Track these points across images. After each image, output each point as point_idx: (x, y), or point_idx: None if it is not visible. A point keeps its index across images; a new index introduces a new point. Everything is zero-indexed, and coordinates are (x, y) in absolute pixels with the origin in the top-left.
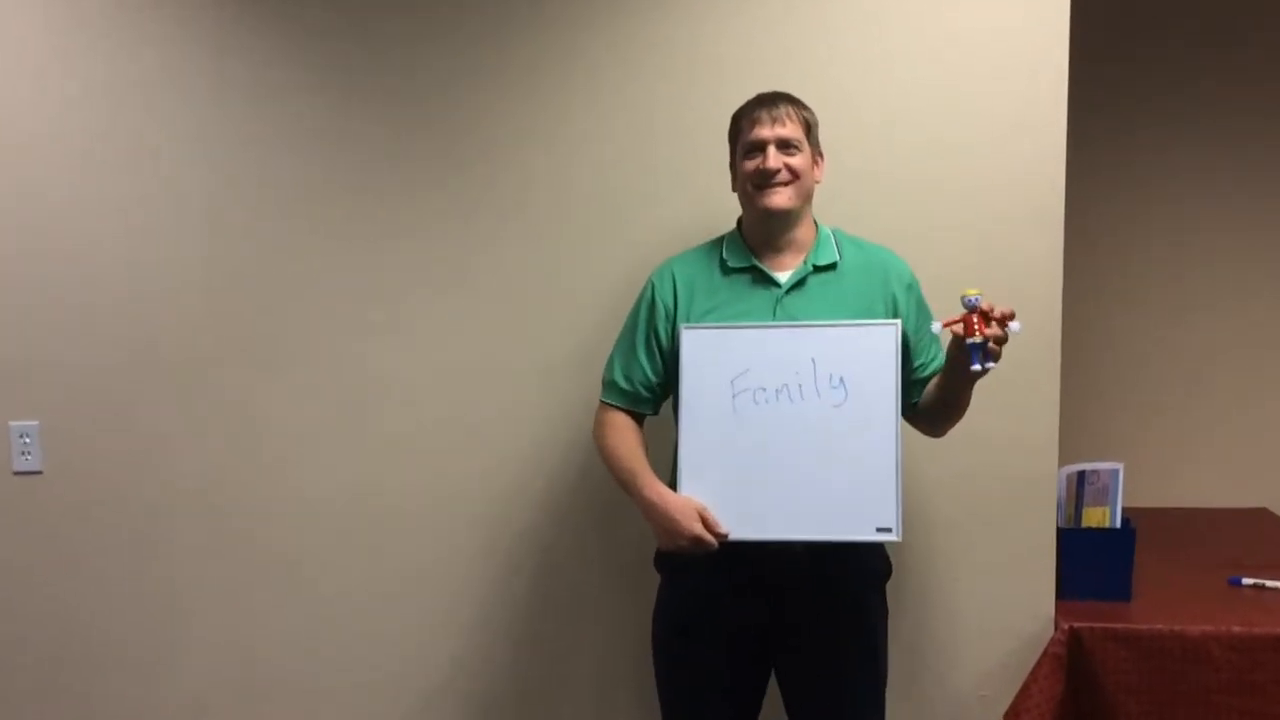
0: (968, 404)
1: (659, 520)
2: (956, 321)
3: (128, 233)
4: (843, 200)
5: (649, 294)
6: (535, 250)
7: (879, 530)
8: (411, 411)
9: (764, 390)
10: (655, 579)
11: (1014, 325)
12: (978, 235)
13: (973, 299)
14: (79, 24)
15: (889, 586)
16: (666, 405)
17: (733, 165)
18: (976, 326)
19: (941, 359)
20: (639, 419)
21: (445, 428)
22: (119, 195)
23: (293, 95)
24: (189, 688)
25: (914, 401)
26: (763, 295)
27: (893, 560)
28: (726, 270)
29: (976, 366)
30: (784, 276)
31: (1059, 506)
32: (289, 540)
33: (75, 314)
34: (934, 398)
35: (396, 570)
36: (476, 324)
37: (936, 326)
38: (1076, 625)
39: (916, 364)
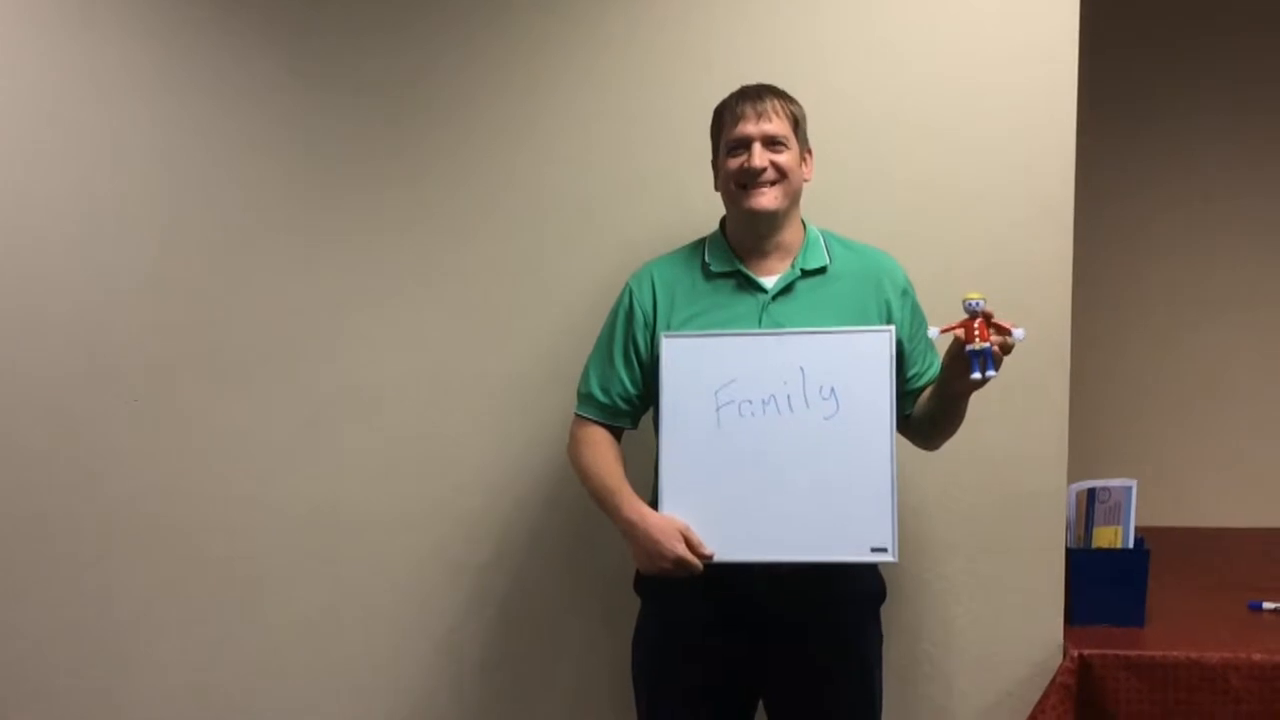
0: (964, 415)
1: (639, 541)
2: (956, 327)
3: (79, 233)
4: (839, 200)
5: (627, 300)
6: (510, 253)
7: (873, 550)
8: (379, 423)
9: (750, 402)
10: (635, 603)
11: (1017, 332)
12: (981, 236)
13: (975, 303)
14: (31, 17)
15: (884, 610)
16: (646, 419)
17: (715, 163)
18: (978, 333)
19: (937, 368)
20: (617, 433)
21: (413, 441)
22: (69, 194)
23: (255, 92)
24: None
25: (908, 413)
26: (748, 301)
27: (888, 582)
28: (709, 275)
29: (977, 375)
30: (770, 281)
31: (1068, 526)
32: (246, 562)
33: (19, 319)
34: (929, 408)
35: (360, 594)
36: (447, 331)
37: (934, 332)
38: (1086, 653)
39: (911, 373)
